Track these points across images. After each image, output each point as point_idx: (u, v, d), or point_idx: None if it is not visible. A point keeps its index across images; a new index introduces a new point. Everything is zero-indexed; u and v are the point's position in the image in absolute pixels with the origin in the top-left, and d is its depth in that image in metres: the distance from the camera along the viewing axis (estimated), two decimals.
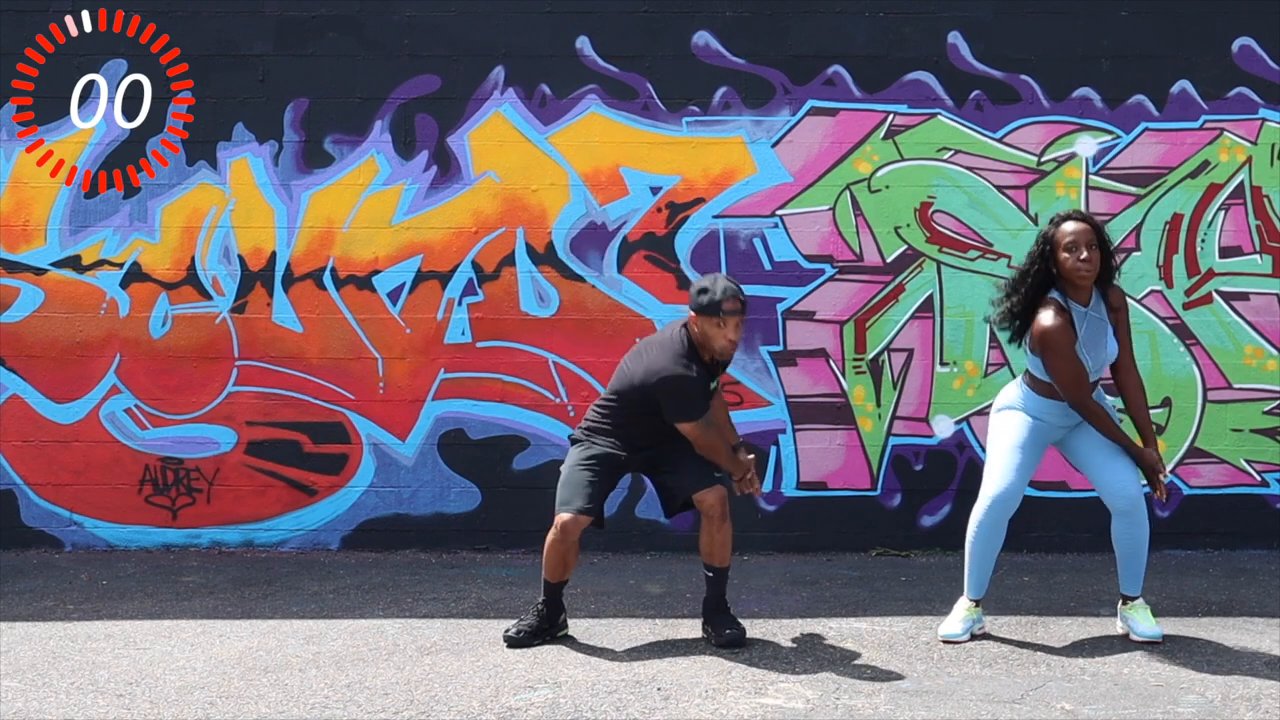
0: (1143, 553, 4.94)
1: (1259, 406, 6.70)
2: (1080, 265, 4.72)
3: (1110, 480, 4.85)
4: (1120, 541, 4.94)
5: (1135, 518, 4.88)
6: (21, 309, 6.76)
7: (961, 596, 5.07)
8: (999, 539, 4.96)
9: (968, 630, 4.97)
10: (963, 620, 4.99)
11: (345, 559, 6.60)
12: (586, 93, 6.71)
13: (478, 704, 4.24)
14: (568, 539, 4.85)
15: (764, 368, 6.71)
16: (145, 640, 5.09)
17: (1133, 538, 4.91)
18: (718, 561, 4.90)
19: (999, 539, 4.96)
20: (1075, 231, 4.73)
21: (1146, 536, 4.93)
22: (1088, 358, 4.78)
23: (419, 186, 6.73)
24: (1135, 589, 4.98)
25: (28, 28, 6.72)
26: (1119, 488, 4.84)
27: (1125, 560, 4.95)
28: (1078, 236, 4.72)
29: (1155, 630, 4.90)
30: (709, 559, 4.92)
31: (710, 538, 4.88)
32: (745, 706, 4.20)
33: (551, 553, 4.88)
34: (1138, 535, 4.91)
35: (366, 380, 6.74)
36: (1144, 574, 4.99)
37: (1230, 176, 6.68)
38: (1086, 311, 4.81)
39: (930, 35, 6.68)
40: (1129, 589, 4.99)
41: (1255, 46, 6.67)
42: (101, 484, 6.76)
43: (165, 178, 6.75)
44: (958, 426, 6.70)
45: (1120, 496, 4.84)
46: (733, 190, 6.70)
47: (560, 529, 4.85)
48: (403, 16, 6.72)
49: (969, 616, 5.00)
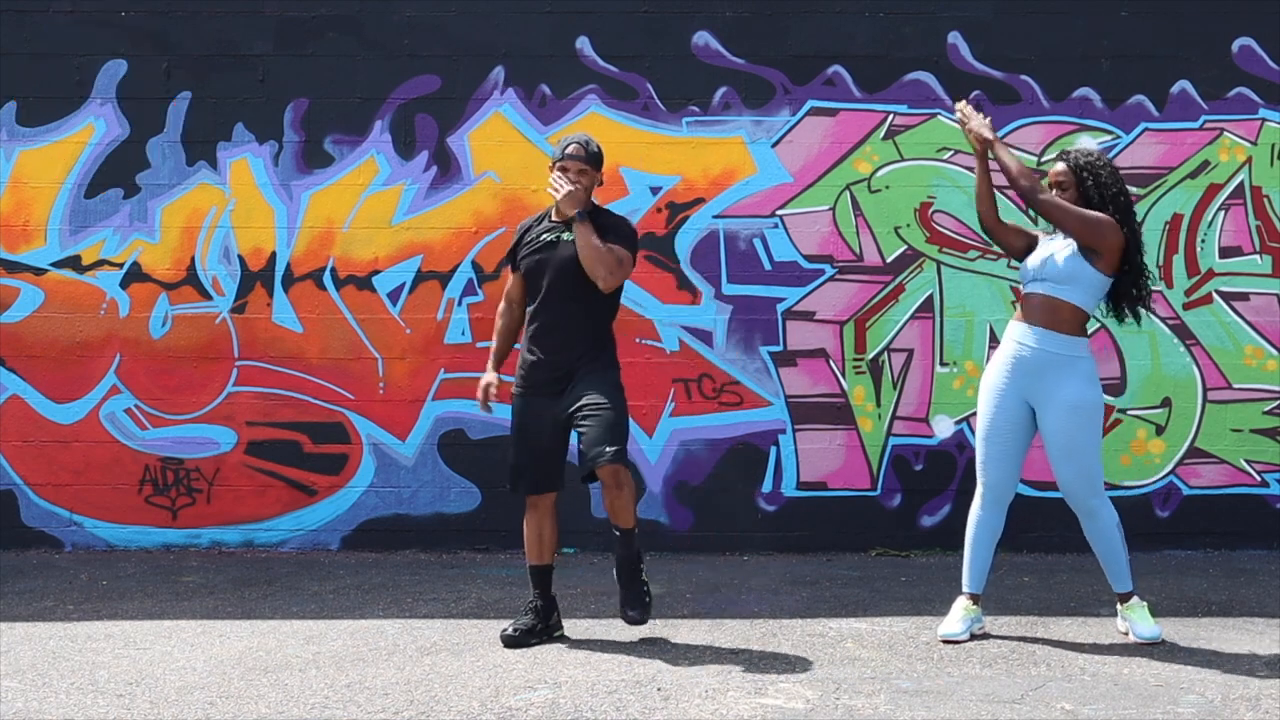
0: (1119, 550, 4.94)
1: (1259, 406, 6.70)
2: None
3: (1059, 479, 4.94)
4: (1092, 541, 4.98)
5: (1096, 516, 4.91)
6: (21, 309, 6.77)
7: (960, 595, 5.07)
8: (997, 528, 5.01)
9: (968, 629, 4.97)
10: (962, 619, 4.98)
11: (345, 559, 6.60)
12: (586, 93, 6.71)
13: (478, 704, 4.24)
14: (534, 514, 5.04)
15: (764, 368, 6.71)
16: (145, 640, 5.09)
17: (1103, 536, 4.93)
18: (621, 523, 4.94)
19: (997, 528, 5.01)
20: (1055, 173, 4.96)
21: (1116, 533, 4.93)
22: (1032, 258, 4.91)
23: (419, 186, 6.73)
24: (1125, 586, 4.98)
25: (28, 28, 6.72)
26: (1067, 488, 4.92)
27: (1104, 559, 4.98)
28: (1054, 178, 4.95)
29: (1154, 631, 4.90)
30: (613, 519, 4.96)
31: (610, 503, 4.94)
32: (745, 706, 4.20)
33: (527, 534, 5.08)
34: (1107, 533, 4.93)
35: (366, 380, 6.74)
36: (1129, 571, 4.97)
37: (1230, 176, 6.68)
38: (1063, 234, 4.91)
39: (930, 35, 6.69)
40: (1119, 587, 4.99)
41: (1255, 46, 6.67)
42: (101, 484, 6.76)
43: (165, 178, 6.75)
44: (958, 426, 6.70)
45: (1070, 496, 4.93)
46: (733, 190, 6.70)
47: (527, 509, 5.06)
48: (403, 16, 6.72)
49: (968, 615, 5.00)
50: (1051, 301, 4.84)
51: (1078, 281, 4.82)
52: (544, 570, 5.04)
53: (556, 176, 4.91)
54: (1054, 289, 4.83)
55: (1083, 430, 4.86)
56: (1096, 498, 4.90)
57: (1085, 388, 4.85)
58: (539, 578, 5.03)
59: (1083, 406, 4.85)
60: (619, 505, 4.91)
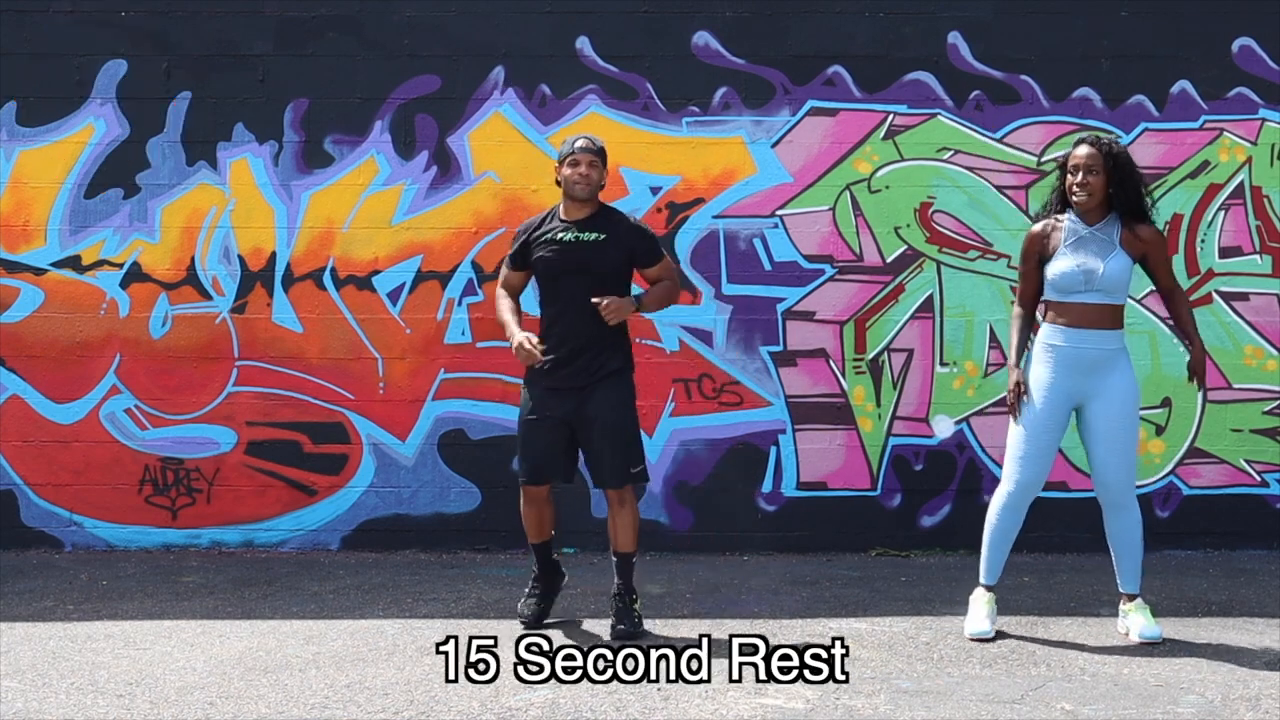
0: (1138, 548, 4.96)
1: (1259, 406, 6.70)
2: (1076, 188, 4.86)
3: (1102, 471, 4.91)
4: (1115, 537, 4.98)
5: (1127, 512, 4.93)
6: (21, 309, 6.76)
7: (977, 588, 5.10)
8: (1018, 525, 5.04)
9: (993, 625, 5.02)
10: (987, 615, 5.03)
11: (345, 559, 6.60)
12: (586, 93, 6.71)
13: (478, 704, 4.24)
14: (532, 504, 5.16)
15: (764, 368, 6.71)
16: (145, 640, 5.09)
17: (1127, 532, 4.95)
18: (620, 546, 5.08)
19: (1018, 525, 5.04)
20: (1081, 156, 4.87)
21: (1140, 532, 4.96)
22: (1069, 268, 4.85)
23: (419, 187, 6.73)
24: (1134, 586, 4.99)
25: (28, 28, 6.72)
26: (1110, 480, 4.89)
27: (1122, 557, 4.98)
28: (1080, 161, 4.87)
29: (1155, 631, 4.91)
30: (612, 542, 5.11)
31: (612, 521, 5.12)
32: (745, 706, 4.20)
33: (525, 518, 5.19)
34: (1132, 530, 4.95)
35: (366, 380, 6.74)
36: (1140, 573, 4.99)
37: (1230, 177, 6.68)
38: (1090, 231, 4.88)
39: (930, 35, 6.68)
40: (1128, 587, 5.00)
41: (1255, 46, 6.67)
42: (101, 484, 6.76)
43: (165, 178, 6.75)
44: (958, 427, 6.70)
45: (1110, 489, 4.90)
46: (733, 190, 6.70)
47: (523, 496, 5.14)
48: (403, 16, 6.72)
49: (990, 608, 5.05)
50: (1106, 309, 4.88)
51: (1127, 285, 4.93)
52: (546, 544, 5.23)
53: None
54: (1107, 297, 4.87)
55: (1133, 420, 4.92)
56: (1131, 494, 4.93)
57: (1133, 377, 4.94)
58: (542, 551, 5.23)
59: (1134, 394, 4.92)
60: (620, 524, 5.07)
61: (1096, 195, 4.84)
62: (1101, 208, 4.88)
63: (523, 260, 5.12)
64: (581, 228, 5.03)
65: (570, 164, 5.01)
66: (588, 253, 4.99)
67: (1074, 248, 4.88)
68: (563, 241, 5.02)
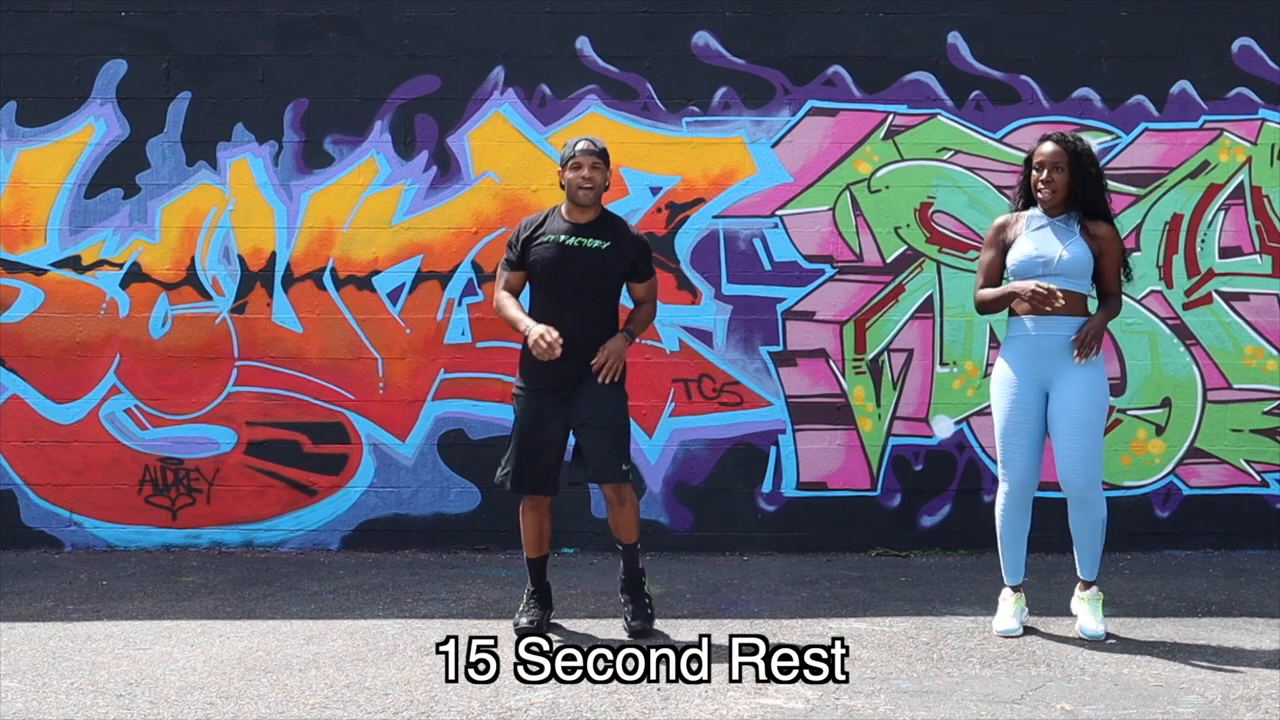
0: (1098, 542, 5.02)
1: (1259, 407, 6.70)
2: (1041, 184, 4.94)
3: (1061, 463, 4.93)
4: (1080, 531, 5.02)
5: (1090, 507, 4.96)
6: (21, 309, 6.76)
7: (1004, 589, 5.14)
8: (1025, 521, 5.06)
9: (1021, 623, 5.04)
10: (1014, 614, 5.05)
11: (345, 559, 6.60)
12: (586, 93, 6.71)
13: (478, 704, 4.24)
14: (534, 512, 5.18)
15: (764, 368, 6.71)
16: (145, 640, 5.09)
17: (1092, 528, 4.99)
18: (623, 538, 5.14)
19: (1025, 521, 5.06)
20: (1046, 153, 4.95)
21: (1102, 530, 5.00)
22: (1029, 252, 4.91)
23: (419, 187, 6.73)
24: (1093, 574, 5.06)
25: (28, 28, 6.72)
26: (1068, 472, 4.91)
27: (1084, 548, 5.04)
28: (1045, 158, 4.94)
29: (1096, 631, 4.95)
30: (615, 534, 5.17)
31: (613, 518, 5.15)
32: (745, 706, 4.20)
33: (525, 529, 5.21)
34: (1092, 528, 4.99)
35: (366, 380, 6.74)
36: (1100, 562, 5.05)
37: (1230, 177, 6.68)
38: (1052, 221, 4.95)
39: (930, 35, 6.68)
40: (1088, 575, 5.07)
41: (1255, 46, 6.67)
42: (101, 484, 6.76)
43: (165, 178, 6.75)
44: (958, 427, 6.70)
45: (1069, 482, 4.93)
46: (733, 190, 6.70)
47: (525, 504, 5.19)
48: (403, 16, 6.72)
49: (1018, 607, 5.08)
50: (1068, 295, 4.88)
51: (1088, 273, 4.94)
52: (542, 560, 5.23)
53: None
54: (1068, 282, 4.90)
55: (1096, 410, 4.91)
56: (1095, 489, 4.94)
57: (1098, 364, 4.94)
58: (537, 567, 5.22)
59: (1098, 386, 4.91)
60: (622, 520, 5.10)
61: (1060, 192, 4.92)
62: (1064, 204, 4.96)
63: (520, 261, 5.12)
64: (585, 233, 5.03)
65: (573, 167, 5.01)
66: (590, 259, 5.00)
67: (1034, 235, 4.96)
68: (566, 245, 5.01)
